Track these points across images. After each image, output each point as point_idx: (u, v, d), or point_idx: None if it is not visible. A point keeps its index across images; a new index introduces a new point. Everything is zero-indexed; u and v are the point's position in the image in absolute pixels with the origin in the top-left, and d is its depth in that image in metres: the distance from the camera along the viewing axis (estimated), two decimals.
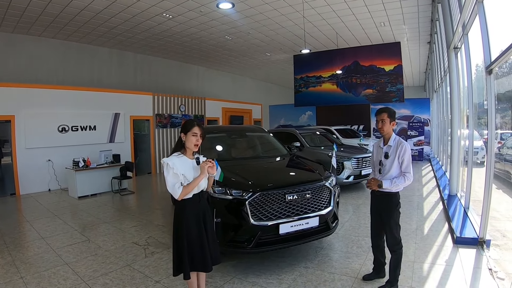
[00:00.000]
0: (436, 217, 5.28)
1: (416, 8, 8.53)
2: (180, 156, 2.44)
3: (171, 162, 2.35)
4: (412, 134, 12.96)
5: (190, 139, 2.41)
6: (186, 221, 2.41)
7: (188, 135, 2.42)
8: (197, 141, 2.43)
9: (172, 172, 2.34)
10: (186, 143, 2.44)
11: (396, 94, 12.25)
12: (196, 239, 2.42)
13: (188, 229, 2.41)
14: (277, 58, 14.57)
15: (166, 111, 12.03)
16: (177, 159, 2.41)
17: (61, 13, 8.15)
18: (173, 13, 8.69)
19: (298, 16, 9.15)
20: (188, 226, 2.41)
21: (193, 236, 2.41)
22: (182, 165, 2.39)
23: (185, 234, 2.39)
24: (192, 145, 2.42)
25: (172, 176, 2.34)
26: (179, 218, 2.43)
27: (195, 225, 2.43)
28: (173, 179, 2.35)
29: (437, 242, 4.15)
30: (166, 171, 2.35)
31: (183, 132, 2.45)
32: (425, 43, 11.81)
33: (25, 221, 5.70)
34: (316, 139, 8.91)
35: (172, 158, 2.39)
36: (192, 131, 2.42)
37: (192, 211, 2.44)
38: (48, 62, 10.07)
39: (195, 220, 2.44)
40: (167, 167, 2.34)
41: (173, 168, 2.33)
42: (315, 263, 3.63)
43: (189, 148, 2.45)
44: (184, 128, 2.46)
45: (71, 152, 8.51)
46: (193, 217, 2.43)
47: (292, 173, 4.11)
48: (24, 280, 3.40)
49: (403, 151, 2.85)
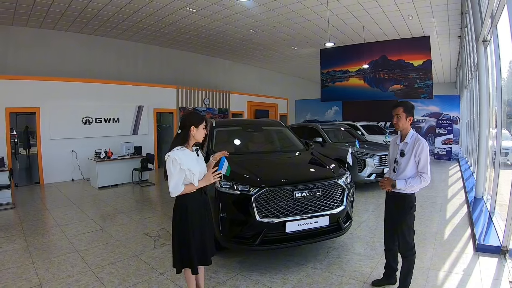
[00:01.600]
0: (459, 221, 4.93)
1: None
2: (183, 150, 2.37)
3: (178, 157, 2.27)
4: (440, 132, 12.32)
5: (201, 132, 2.41)
6: (192, 216, 2.36)
7: (199, 128, 2.40)
8: (206, 134, 2.47)
9: (179, 168, 2.27)
10: (195, 135, 2.40)
11: (425, 90, 11.66)
12: (199, 234, 2.38)
13: (194, 223, 2.36)
14: (303, 52, 14.33)
15: (190, 104, 12.12)
16: (182, 153, 2.33)
17: (85, 8, 8.38)
18: (196, 6, 8.70)
19: (323, 8, 8.90)
20: (193, 220, 2.36)
21: (198, 231, 2.37)
22: (187, 159, 2.32)
23: (191, 228, 2.34)
24: (202, 138, 2.44)
25: (179, 172, 2.28)
26: (183, 212, 2.36)
27: (198, 219, 2.39)
28: (179, 175, 2.28)
29: (456, 249, 3.85)
30: (172, 167, 2.27)
31: (193, 126, 2.39)
32: (455, 37, 11.15)
33: (45, 209, 5.92)
34: (340, 135, 8.69)
35: (178, 153, 2.31)
36: (203, 124, 2.43)
37: (196, 205, 2.40)
38: (75, 56, 10.42)
39: (198, 214, 2.40)
40: (173, 162, 2.26)
41: (180, 164, 2.26)
42: (324, 264, 3.46)
43: (197, 141, 2.44)
44: (194, 121, 2.40)
45: (95, 143, 8.73)
46: (197, 211, 2.40)
47: (303, 170, 3.93)
48: (35, 265, 3.51)
49: (420, 148, 2.61)
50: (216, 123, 5.09)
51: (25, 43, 9.35)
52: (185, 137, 2.39)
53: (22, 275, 3.28)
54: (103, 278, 3.20)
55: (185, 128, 2.38)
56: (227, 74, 16.15)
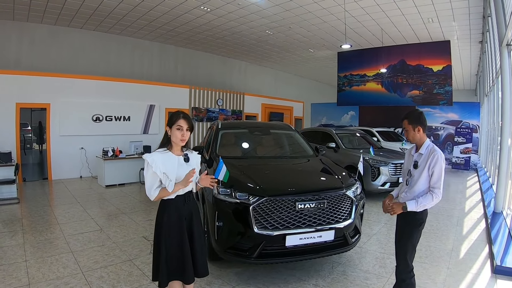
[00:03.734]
0: (477, 238, 4.57)
1: (466, 2, 7.66)
2: (165, 152, 2.18)
3: (151, 159, 2.09)
4: (459, 140, 11.82)
5: (174, 133, 2.16)
6: (167, 225, 2.15)
7: (172, 128, 2.17)
8: (183, 135, 2.17)
9: (151, 171, 2.08)
10: (171, 137, 2.18)
11: (444, 97, 11.20)
12: (176, 246, 2.15)
13: (168, 233, 2.14)
14: (320, 55, 14.09)
15: (203, 104, 12.03)
16: (160, 155, 2.14)
17: (99, 6, 8.40)
18: (211, 6, 8.61)
19: (340, 10, 8.66)
20: (168, 230, 2.15)
21: (173, 242, 2.14)
22: (164, 163, 2.12)
23: (163, 238, 2.14)
24: (178, 140, 2.17)
25: (151, 176, 2.10)
26: (159, 220, 2.19)
27: (176, 230, 2.16)
28: (151, 179, 2.10)
29: (473, 269, 3.51)
30: (145, 169, 2.12)
31: (168, 126, 2.20)
32: (476, 42, 10.66)
33: (48, 206, 5.88)
34: (355, 141, 8.40)
35: (154, 155, 2.13)
36: (177, 124, 2.16)
37: (174, 214, 2.17)
38: (89, 54, 10.50)
39: (177, 225, 2.17)
40: (147, 165, 2.10)
41: (152, 167, 2.08)
42: (328, 281, 3.20)
43: (175, 143, 2.21)
44: (169, 121, 2.21)
45: (105, 141, 8.69)
46: (174, 221, 2.16)
47: (308, 178, 3.66)
48: (27, 263, 3.43)
49: (434, 160, 2.34)
50: (222, 124, 4.92)
51: (39, 40, 9.46)
52: (165, 139, 2.23)
53: (13, 273, 3.21)
54: (92, 282, 3.06)
55: (165, 129, 2.24)
56: (243, 75, 16.05)
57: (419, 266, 3.35)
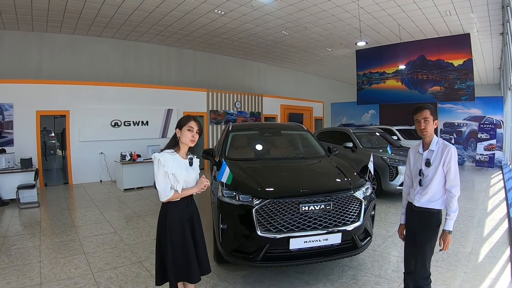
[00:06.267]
0: (498, 239, 4.30)
1: None
2: (173, 154, 2.23)
3: (163, 159, 2.14)
4: (483, 137, 11.34)
5: (185, 134, 2.23)
6: (170, 226, 2.19)
7: (183, 130, 2.24)
8: (193, 136, 2.24)
9: (163, 170, 2.13)
10: (181, 138, 2.25)
11: (466, 92, 10.73)
12: (180, 246, 2.19)
13: (172, 234, 2.18)
14: (339, 54, 13.95)
15: (221, 107, 12.12)
16: (170, 156, 2.20)
17: (115, 14, 8.66)
18: (224, 9, 8.67)
19: (354, 6, 8.52)
20: (172, 231, 2.18)
21: (177, 243, 2.19)
22: (174, 164, 2.18)
23: (169, 240, 2.17)
24: (188, 141, 2.24)
25: (163, 175, 2.14)
26: (163, 222, 2.22)
27: (180, 231, 2.21)
28: (164, 178, 2.15)
29: (491, 274, 3.29)
30: (156, 168, 2.16)
31: (178, 128, 2.27)
32: (497, 34, 10.15)
33: (66, 209, 6.08)
34: (374, 140, 8.18)
35: (164, 154, 2.18)
36: (188, 125, 2.24)
37: (178, 216, 2.22)
38: (108, 61, 10.83)
39: (180, 226, 2.21)
40: (158, 164, 2.15)
41: (164, 166, 2.13)
42: (336, 285, 3.11)
43: (184, 144, 2.26)
44: (179, 123, 2.28)
45: (124, 146, 8.89)
46: (178, 222, 2.21)
47: (314, 179, 3.57)
48: (41, 264, 3.57)
49: (449, 155, 2.22)
50: (233, 126, 4.91)
51: (59, 49, 9.86)
52: (173, 141, 2.28)
53: (27, 273, 3.35)
54: (101, 283, 3.14)
55: (175, 131, 2.28)
56: (262, 77, 16.07)
57: (434, 271, 3.16)
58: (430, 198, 2.30)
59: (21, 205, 6.06)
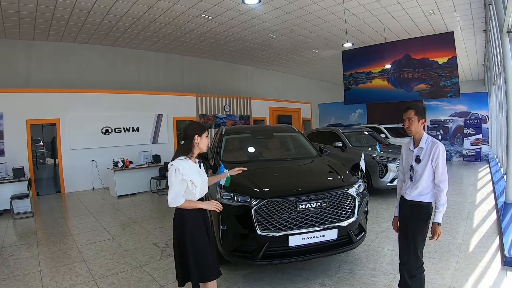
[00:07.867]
0: (487, 230, 4.49)
1: None
2: (187, 160, 2.32)
3: (181, 167, 2.24)
4: (469, 132, 11.67)
5: (204, 141, 2.41)
6: (190, 228, 2.29)
7: (202, 136, 2.40)
8: (208, 142, 2.48)
9: (181, 179, 2.23)
10: (200, 144, 2.39)
11: (451, 89, 11.01)
12: (200, 249, 2.30)
13: (193, 236, 2.28)
14: (325, 55, 14.09)
15: (210, 111, 12.15)
16: (185, 163, 2.29)
17: (102, 21, 8.61)
18: (211, 14, 8.70)
19: (340, 9, 8.66)
20: (192, 233, 2.29)
21: (198, 246, 2.29)
22: (190, 170, 2.28)
23: (189, 244, 2.27)
24: (205, 146, 2.44)
25: (180, 183, 2.23)
26: (182, 227, 2.31)
27: (198, 232, 2.32)
28: (180, 186, 2.24)
29: (482, 262, 3.46)
30: (174, 176, 2.23)
31: (197, 135, 2.37)
32: (480, 32, 10.48)
33: (61, 218, 6.05)
34: (362, 139, 8.36)
35: (181, 163, 2.27)
36: (206, 132, 2.43)
37: (195, 217, 2.33)
38: (96, 68, 10.72)
39: (198, 227, 2.32)
40: (176, 172, 2.22)
41: (183, 174, 2.23)
42: (334, 280, 3.22)
43: (202, 150, 2.43)
44: (197, 130, 2.40)
45: (115, 152, 8.85)
46: (196, 223, 2.32)
47: (309, 179, 3.70)
48: (42, 273, 3.57)
49: (437, 152, 2.37)
50: (226, 130, 4.99)
51: (47, 57, 9.72)
52: (188, 147, 2.37)
53: (28, 282, 3.35)
54: None
55: (189, 138, 2.37)
56: (250, 80, 16.14)
57: (427, 262, 3.31)
58: (420, 192, 2.44)
59: (15, 215, 6.00)
